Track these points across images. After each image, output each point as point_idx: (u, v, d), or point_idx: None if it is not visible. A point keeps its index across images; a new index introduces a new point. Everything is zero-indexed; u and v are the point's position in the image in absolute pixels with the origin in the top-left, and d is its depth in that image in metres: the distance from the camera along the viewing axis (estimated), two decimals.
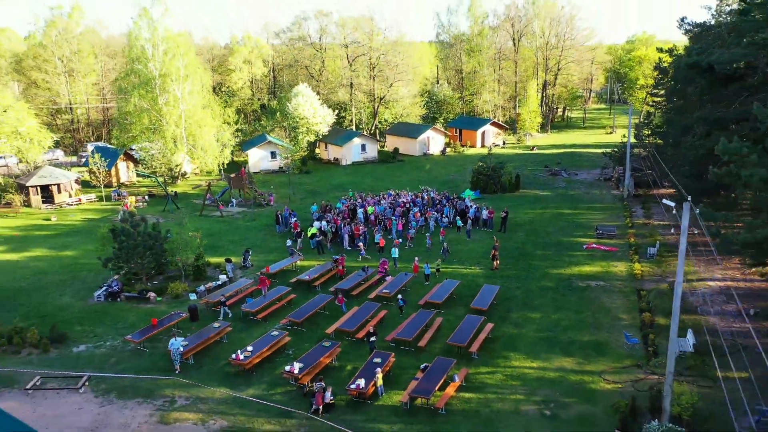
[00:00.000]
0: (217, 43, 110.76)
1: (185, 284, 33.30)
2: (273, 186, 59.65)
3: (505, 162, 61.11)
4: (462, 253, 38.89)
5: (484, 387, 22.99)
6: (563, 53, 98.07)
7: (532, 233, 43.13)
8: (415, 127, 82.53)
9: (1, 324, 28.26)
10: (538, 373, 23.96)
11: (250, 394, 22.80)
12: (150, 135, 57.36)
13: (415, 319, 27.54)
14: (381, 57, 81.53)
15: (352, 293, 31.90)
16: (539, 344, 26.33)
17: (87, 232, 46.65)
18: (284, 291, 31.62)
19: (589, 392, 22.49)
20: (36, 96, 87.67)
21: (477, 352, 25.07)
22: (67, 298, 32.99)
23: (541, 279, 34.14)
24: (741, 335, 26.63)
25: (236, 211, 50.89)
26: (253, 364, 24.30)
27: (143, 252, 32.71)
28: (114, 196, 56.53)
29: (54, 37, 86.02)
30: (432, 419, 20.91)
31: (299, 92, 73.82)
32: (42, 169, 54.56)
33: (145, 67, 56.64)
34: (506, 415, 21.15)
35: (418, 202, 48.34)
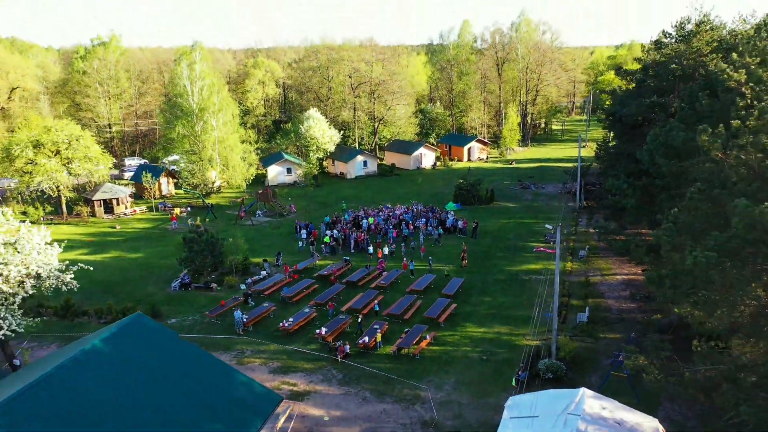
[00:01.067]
0: (234, 66, 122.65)
1: (236, 278, 45.27)
2: (290, 198, 71.63)
3: (482, 179, 73.10)
4: (440, 255, 50.86)
5: (446, 343, 34.97)
6: (541, 76, 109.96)
7: (497, 239, 55.10)
8: (409, 144, 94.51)
9: (113, 304, 40.22)
10: (482, 335, 35.94)
11: (293, 347, 34.76)
12: (190, 156, 69.18)
13: (403, 300, 39.52)
14: (380, 84, 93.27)
15: (359, 284, 43.88)
16: (487, 318, 38.33)
17: (147, 237, 58.76)
18: (310, 282, 43.61)
19: (513, 346, 34.46)
20: (78, 116, 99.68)
21: (443, 322, 37.06)
22: (150, 288, 44.97)
23: (497, 274, 46.12)
24: (625, 311, 38.66)
25: (264, 221, 62.90)
26: (294, 329, 36.27)
27: (206, 254, 44.67)
28: (161, 208, 68.60)
29: (95, 65, 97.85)
30: (411, 361, 32.85)
31: (310, 116, 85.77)
32: (104, 186, 66.60)
33: (186, 101, 68.58)
34: (458, 359, 33.11)
35: (410, 213, 60.33)
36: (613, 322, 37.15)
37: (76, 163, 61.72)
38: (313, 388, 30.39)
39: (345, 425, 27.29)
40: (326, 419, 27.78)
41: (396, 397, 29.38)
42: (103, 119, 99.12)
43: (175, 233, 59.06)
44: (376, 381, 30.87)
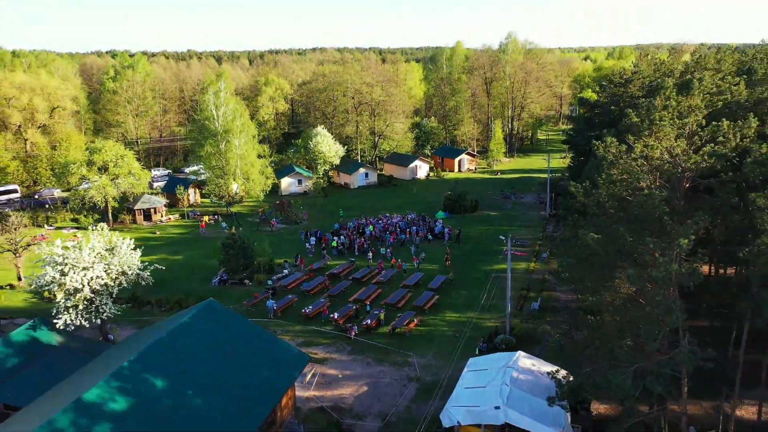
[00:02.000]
0: (247, 82, 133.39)
1: (263, 275, 55.89)
2: (302, 207, 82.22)
3: (468, 190, 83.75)
4: (428, 257, 61.47)
5: (429, 325, 45.62)
6: (526, 94, 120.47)
7: (477, 244, 65.73)
8: (406, 157, 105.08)
9: (169, 296, 50.80)
10: (457, 319, 46.61)
11: (313, 327, 45.40)
12: (216, 171, 79.66)
13: (397, 293, 50.19)
14: (379, 104, 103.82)
15: (362, 280, 54.51)
16: (462, 307, 48.99)
17: (183, 242, 69.38)
18: (323, 279, 54.25)
19: (480, 327, 45.09)
20: (108, 131, 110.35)
21: (428, 309, 47.72)
22: (194, 284, 55.60)
23: (474, 273, 56.75)
24: (570, 301, 49.33)
25: (281, 228, 73.54)
26: (313, 315, 46.90)
27: (239, 256, 55.30)
28: (191, 216, 79.28)
29: (125, 86, 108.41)
30: (402, 338, 43.46)
31: (318, 133, 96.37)
32: (143, 197, 77.23)
33: (212, 124, 79.17)
34: (437, 336, 43.75)
35: (404, 222, 71.00)
36: (559, 310, 47.82)
37: (122, 178, 72.34)
38: (329, 356, 41.08)
39: (354, 381, 37.98)
40: (340, 376, 38.47)
41: (391, 362, 40.07)
42: (132, 134, 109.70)
43: (206, 238, 69.86)
44: (376, 351, 41.56)
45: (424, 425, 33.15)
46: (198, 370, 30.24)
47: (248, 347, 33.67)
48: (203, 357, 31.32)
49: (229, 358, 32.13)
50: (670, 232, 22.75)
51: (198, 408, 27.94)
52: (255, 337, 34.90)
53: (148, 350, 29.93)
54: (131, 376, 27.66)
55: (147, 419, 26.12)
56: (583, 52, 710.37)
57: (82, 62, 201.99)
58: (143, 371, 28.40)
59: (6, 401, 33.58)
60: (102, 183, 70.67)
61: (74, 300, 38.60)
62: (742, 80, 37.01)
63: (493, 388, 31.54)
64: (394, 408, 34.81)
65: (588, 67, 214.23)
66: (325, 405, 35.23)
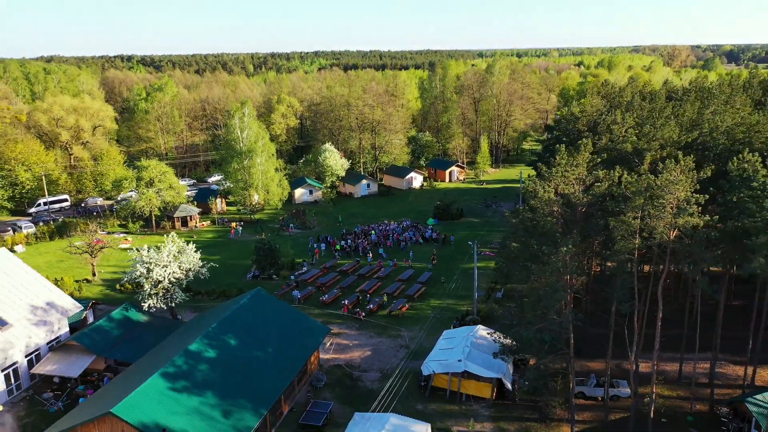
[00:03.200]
0: (261, 99, 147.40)
1: (287, 272, 69.71)
2: (314, 215, 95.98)
3: (456, 199, 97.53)
4: (418, 257, 75.28)
5: (417, 309, 59.48)
6: (510, 112, 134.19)
7: (459, 246, 79.46)
8: (402, 169, 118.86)
9: (215, 288, 64.57)
10: (439, 305, 60.46)
11: (329, 311, 59.26)
12: (241, 184, 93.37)
13: (392, 286, 64.07)
14: (379, 123, 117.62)
15: (366, 275, 68.34)
16: (444, 295, 62.84)
17: (217, 244, 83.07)
18: (335, 274, 68.09)
19: (456, 311, 58.90)
20: (140, 146, 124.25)
21: (416, 297, 61.60)
22: (232, 279, 69.36)
23: (455, 270, 70.54)
24: None
25: (297, 232, 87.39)
26: (329, 302, 60.80)
27: (268, 256, 69.12)
28: (221, 222, 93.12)
29: (155, 107, 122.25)
30: (397, 318, 57.28)
31: (326, 149, 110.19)
32: (180, 206, 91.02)
33: (238, 144, 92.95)
34: (422, 317, 57.63)
35: (399, 228, 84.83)
36: (515, 297, 61.58)
37: (164, 191, 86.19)
38: (342, 331, 54.92)
39: (360, 347, 51.82)
40: (351, 345, 52.35)
41: (388, 335, 53.91)
42: (161, 148, 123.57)
43: (236, 242, 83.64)
44: (377, 327, 55.42)
45: (410, 376, 46.98)
46: (255, 334, 44.14)
47: (287, 321, 47.56)
48: (258, 326, 45.22)
49: (274, 327, 46.01)
50: (559, 243, 36.59)
51: (257, 358, 41.83)
52: (291, 314, 48.84)
53: (223, 321, 43.82)
54: (215, 336, 41.57)
55: (227, 363, 39.99)
56: (579, 55, 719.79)
57: (104, 76, 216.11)
58: (221, 334, 42.31)
59: (116, 358, 47.54)
60: (149, 195, 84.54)
61: (156, 289, 52.48)
62: (632, 133, 50.77)
63: (458, 349, 45.39)
64: (389, 365, 48.65)
65: (573, 81, 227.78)
66: (340, 363, 49.11)
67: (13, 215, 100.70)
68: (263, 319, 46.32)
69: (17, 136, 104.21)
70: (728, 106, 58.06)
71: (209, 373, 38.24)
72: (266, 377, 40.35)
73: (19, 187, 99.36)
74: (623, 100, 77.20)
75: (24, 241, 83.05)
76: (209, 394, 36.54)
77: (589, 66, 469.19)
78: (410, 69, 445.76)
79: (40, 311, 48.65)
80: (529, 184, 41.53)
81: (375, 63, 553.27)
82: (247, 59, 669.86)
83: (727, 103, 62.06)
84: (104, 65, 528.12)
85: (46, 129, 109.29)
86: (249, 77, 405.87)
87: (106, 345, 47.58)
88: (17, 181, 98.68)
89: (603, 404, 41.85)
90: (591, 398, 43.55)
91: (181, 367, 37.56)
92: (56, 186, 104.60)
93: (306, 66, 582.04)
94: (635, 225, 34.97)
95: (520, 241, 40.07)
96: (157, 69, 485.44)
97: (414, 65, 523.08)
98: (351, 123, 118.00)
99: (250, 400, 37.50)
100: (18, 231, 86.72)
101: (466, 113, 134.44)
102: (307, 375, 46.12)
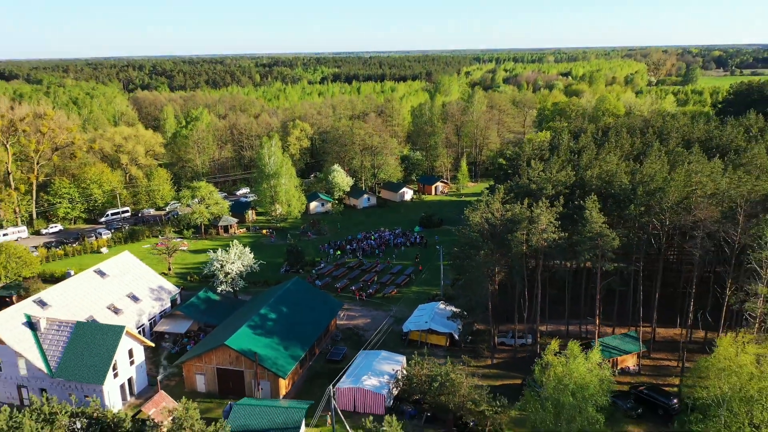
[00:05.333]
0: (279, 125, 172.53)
1: (310, 267, 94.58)
2: (326, 223, 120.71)
3: (437, 211, 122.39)
4: (405, 257, 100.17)
5: (402, 294, 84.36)
6: (486, 136, 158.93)
7: (436, 248, 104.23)
8: (396, 184, 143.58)
9: (258, 278, 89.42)
10: (418, 290, 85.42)
11: (342, 294, 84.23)
12: (268, 199, 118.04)
13: (386, 277, 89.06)
14: (377, 148, 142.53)
15: (366, 270, 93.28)
16: (423, 284, 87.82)
17: (253, 247, 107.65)
18: (344, 269, 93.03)
19: (429, 293, 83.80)
20: (180, 165, 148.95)
21: (403, 285, 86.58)
22: (269, 273, 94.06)
23: (432, 266, 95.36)
24: None
25: (314, 237, 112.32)
26: (341, 290, 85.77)
27: (296, 255, 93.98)
28: (253, 230, 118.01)
29: (194, 133, 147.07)
30: (388, 299, 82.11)
31: (335, 169, 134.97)
32: (223, 217, 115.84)
33: (266, 168, 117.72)
34: (405, 299, 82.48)
35: (392, 235, 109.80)
36: (461, 284, 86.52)
37: (212, 206, 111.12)
38: (351, 307, 79.76)
39: (363, 317, 76.73)
40: (356, 315, 77.34)
41: (381, 310, 78.81)
42: (198, 168, 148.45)
43: (267, 245, 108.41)
44: (374, 305, 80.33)
45: (395, 334, 71.84)
46: (297, 305, 69.09)
47: (316, 299, 72.54)
48: (298, 301, 70.16)
49: (309, 302, 70.98)
50: (480, 248, 61.44)
51: (299, 320, 66.72)
52: (318, 294, 73.90)
53: (278, 297, 68.73)
54: (274, 306, 66.52)
55: (283, 320, 64.83)
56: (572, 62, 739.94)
57: (134, 97, 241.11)
58: (278, 304, 67.28)
59: (205, 321, 72.42)
60: (200, 209, 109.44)
61: (226, 279, 77.38)
62: (540, 176, 75.42)
63: (426, 315, 70.32)
64: (382, 327, 73.57)
65: (553, 99, 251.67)
66: (350, 326, 74.02)
67: (86, 224, 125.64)
68: (301, 297, 71.26)
69: (89, 160, 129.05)
70: (611, 154, 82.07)
71: (273, 325, 63.18)
72: (305, 331, 65.27)
73: (92, 201, 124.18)
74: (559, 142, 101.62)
75: (106, 243, 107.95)
76: (275, 337, 61.45)
77: (576, 75, 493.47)
78: (408, 81, 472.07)
79: (155, 292, 73.74)
80: (467, 211, 66.35)
81: (375, 72, 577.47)
82: (251, 66, 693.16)
83: (620, 146, 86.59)
84: (118, 73, 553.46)
85: (110, 153, 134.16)
86: (256, 88, 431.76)
87: (198, 314, 72.45)
88: (91, 197, 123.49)
89: (513, 348, 66.79)
90: (508, 345, 68.40)
91: (257, 322, 62.52)
92: (119, 200, 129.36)
93: (309, 74, 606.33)
94: (522, 238, 59.79)
95: (460, 247, 64.94)
96: (169, 78, 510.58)
97: (411, 75, 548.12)
98: (355, 148, 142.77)
99: (297, 342, 62.40)
100: (99, 237, 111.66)
101: (450, 137, 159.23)
102: (329, 332, 71.10)
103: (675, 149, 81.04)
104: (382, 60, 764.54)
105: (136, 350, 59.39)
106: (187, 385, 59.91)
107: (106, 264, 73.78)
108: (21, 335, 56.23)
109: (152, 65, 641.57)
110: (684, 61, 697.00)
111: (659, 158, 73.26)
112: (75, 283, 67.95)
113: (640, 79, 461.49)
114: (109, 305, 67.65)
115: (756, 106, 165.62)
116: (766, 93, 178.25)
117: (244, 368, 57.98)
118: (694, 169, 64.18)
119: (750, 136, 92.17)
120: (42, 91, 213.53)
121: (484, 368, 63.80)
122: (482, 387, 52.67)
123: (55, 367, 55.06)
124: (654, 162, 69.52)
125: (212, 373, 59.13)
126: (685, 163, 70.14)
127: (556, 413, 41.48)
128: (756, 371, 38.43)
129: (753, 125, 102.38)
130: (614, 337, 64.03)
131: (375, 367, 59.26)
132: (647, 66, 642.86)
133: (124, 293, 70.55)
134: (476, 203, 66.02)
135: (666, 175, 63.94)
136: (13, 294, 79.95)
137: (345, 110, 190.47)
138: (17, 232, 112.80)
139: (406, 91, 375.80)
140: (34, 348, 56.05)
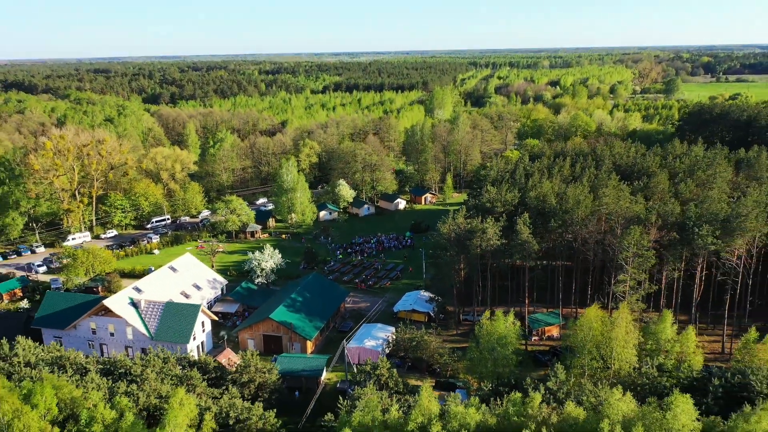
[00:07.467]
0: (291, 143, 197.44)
1: (322, 265, 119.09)
2: (332, 229, 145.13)
3: (425, 218, 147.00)
4: (395, 257, 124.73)
5: (394, 285, 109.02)
6: (470, 152, 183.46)
7: (423, 248, 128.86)
8: (391, 195, 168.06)
9: (282, 273, 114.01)
10: (407, 282, 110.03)
11: (349, 285, 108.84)
12: (286, 209, 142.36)
13: (381, 272, 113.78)
14: (375, 164, 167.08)
15: (366, 267, 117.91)
16: (410, 277, 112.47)
17: (275, 248, 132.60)
18: (349, 267, 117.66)
19: (415, 285, 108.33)
20: (208, 179, 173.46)
21: (394, 279, 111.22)
22: (291, 269, 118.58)
23: (418, 263, 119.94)
24: None
25: (324, 241, 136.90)
26: (348, 282, 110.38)
27: (312, 255, 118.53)
28: (274, 235, 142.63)
29: (220, 152, 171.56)
30: (383, 289, 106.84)
31: (340, 183, 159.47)
32: (250, 224, 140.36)
33: (284, 184, 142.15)
34: (396, 288, 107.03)
35: (386, 239, 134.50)
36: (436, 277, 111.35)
37: (242, 216, 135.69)
38: (354, 295, 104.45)
39: (364, 302, 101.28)
40: (359, 301, 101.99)
41: (378, 297, 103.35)
42: (224, 182, 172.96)
43: (286, 247, 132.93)
44: (372, 293, 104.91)
45: (387, 313, 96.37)
46: (317, 292, 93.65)
47: (329, 288, 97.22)
48: (317, 289, 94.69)
49: (325, 290, 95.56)
50: (448, 253, 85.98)
51: (319, 302, 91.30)
52: (331, 284, 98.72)
53: (302, 286, 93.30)
54: (300, 292, 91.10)
55: (307, 302, 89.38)
56: (565, 68, 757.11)
57: (158, 112, 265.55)
58: (303, 291, 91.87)
59: (249, 304, 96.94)
60: (233, 218, 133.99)
61: (261, 273, 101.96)
62: (495, 195, 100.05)
63: (410, 300, 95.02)
64: (378, 309, 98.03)
65: (536, 115, 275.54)
66: (354, 309, 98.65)
67: (135, 230, 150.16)
68: (319, 286, 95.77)
69: (137, 176, 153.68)
70: (554, 178, 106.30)
71: (301, 305, 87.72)
72: (323, 310, 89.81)
73: (140, 210, 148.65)
74: (523, 165, 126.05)
75: (156, 246, 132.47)
76: (302, 313, 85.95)
77: (564, 85, 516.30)
78: (405, 92, 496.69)
79: (210, 282, 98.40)
80: (439, 224, 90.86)
81: (374, 81, 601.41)
82: (255, 73, 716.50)
83: (562, 171, 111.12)
84: (130, 82, 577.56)
85: (152, 170, 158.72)
86: (262, 97, 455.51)
87: (243, 299, 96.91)
88: (139, 207, 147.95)
89: (472, 323, 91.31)
90: (469, 321, 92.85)
91: (289, 303, 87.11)
92: (160, 209, 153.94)
93: (312, 82, 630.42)
94: (477, 243, 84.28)
95: (434, 249, 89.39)
96: (179, 87, 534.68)
97: (409, 85, 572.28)
98: (357, 165, 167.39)
99: (318, 317, 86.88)
100: (150, 241, 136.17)
101: (438, 154, 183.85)
102: (339, 312, 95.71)
103: (600, 174, 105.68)
104: (381, 66, 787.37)
105: (205, 322, 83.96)
106: (242, 347, 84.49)
107: (175, 262, 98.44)
108: (128, 311, 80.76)
109: (161, 75, 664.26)
110: (673, 67, 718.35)
111: (588, 181, 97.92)
112: (157, 276, 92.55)
113: (624, 89, 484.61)
114: (181, 291, 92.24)
115: (708, 125, 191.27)
116: (715, 114, 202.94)
117: (282, 334, 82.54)
118: (604, 192, 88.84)
119: (665, 162, 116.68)
120: (81, 110, 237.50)
121: (451, 336, 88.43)
122: (445, 347, 77.43)
123: (154, 333, 79.58)
124: (576, 186, 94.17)
125: (260, 338, 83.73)
126: (602, 187, 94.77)
127: (485, 356, 65.92)
128: (602, 328, 63.01)
129: (678, 153, 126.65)
130: (543, 314, 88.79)
131: (373, 334, 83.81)
132: (634, 74, 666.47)
133: (190, 283, 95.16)
134: (444, 218, 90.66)
135: (583, 197, 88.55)
136: (99, 285, 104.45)
137: (347, 128, 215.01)
138: (82, 237, 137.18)
139: (404, 102, 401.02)
140: (138, 320, 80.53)
